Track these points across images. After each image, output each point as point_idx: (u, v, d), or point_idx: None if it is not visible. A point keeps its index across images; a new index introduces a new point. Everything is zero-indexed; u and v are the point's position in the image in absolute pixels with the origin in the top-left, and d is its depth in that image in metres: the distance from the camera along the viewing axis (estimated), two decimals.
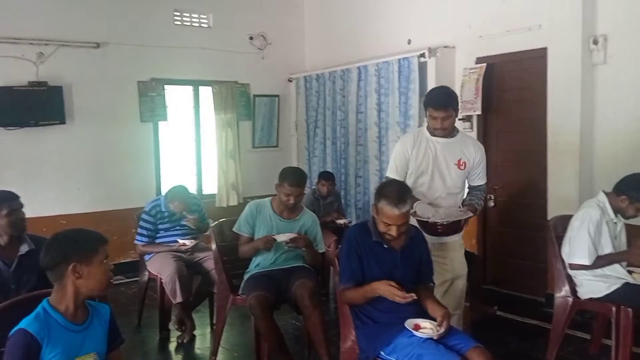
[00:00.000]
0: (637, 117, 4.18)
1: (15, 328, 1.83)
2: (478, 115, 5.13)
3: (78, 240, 1.93)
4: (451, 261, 3.33)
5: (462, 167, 3.31)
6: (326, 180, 5.49)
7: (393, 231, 2.60)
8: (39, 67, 5.56)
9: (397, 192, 2.62)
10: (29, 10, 5.53)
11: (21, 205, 2.82)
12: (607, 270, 3.25)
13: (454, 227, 3.15)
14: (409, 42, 5.75)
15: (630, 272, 3.29)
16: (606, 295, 3.23)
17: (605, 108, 4.36)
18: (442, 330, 2.45)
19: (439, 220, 3.09)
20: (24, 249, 2.75)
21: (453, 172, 3.30)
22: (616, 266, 3.26)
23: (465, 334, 2.65)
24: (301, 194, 3.57)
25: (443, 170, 3.28)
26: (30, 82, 5.49)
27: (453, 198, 3.34)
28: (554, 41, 4.48)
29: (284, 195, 3.51)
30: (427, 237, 3.19)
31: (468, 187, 3.47)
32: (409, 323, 2.50)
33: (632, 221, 3.38)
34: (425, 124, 3.38)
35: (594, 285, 3.27)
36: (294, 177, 3.50)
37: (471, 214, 3.23)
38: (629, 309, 3.16)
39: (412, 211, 3.09)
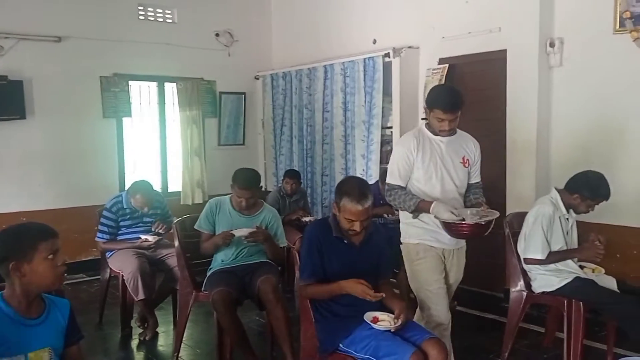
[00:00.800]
0: (591, 118, 4.35)
1: None
2: None
3: (16, 237, 1.83)
4: (458, 267, 3.21)
5: (466, 165, 3.11)
6: (291, 179, 5.52)
7: (356, 227, 2.62)
8: None
9: (357, 188, 2.63)
10: None
11: None
12: (559, 265, 3.36)
13: (484, 228, 2.86)
14: (374, 42, 5.83)
15: (581, 267, 3.42)
16: (558, 289, 3.33)
17: (561, 108, 4.52)
18: (399, 322, 2.51)
19: (478, 220, 2.81)
20: None
21: (460, 171, 3.08)
22: (568, 261, 3.37)
23: (421, 326, 2.72)
24: (253, 196, 3.56)
25: (451, 170, 3.05)
26: None
27: (462, 198, 3.13)
28: (513, 44, 4.61)
29: (236, 197, 3.54)
30: (445, 244, 3.03)
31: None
32: (368, 316, 2.56)
33: (583, 218, 3.50)
34: (388, 121, 3.38)
35: (546, 279, 3.37)
36: (243, 181, 3.52)
37: (497, 213, 2.93)
38: (580, 302, 3.27)
39: (433, 216, 2.90)
